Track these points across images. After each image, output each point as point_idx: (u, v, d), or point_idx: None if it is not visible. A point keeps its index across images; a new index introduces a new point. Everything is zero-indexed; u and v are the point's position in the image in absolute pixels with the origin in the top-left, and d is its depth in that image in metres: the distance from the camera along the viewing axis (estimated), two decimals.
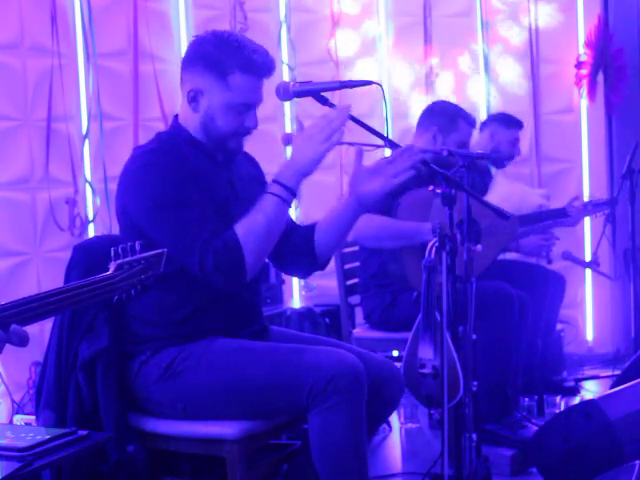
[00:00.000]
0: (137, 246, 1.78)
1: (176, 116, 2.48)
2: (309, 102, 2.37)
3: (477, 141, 4.21)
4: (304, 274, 2.67)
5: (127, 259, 1.75)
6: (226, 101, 2.34)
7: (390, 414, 2.58)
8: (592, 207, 4.07)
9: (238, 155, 2.48)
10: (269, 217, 2.27)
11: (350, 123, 2.40)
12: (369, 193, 2.39)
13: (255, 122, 2.39)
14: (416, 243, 3.31)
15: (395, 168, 2.36)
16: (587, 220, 4.91)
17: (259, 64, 2.34)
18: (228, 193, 2.42)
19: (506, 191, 3.92)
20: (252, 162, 2.64)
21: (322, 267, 2.56)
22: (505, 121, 4.30)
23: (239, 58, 2.32)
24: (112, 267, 1.73)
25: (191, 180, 2.32)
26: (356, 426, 2.21)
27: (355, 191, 2.41)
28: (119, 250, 1.75)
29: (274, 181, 2.30)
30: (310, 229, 2.52)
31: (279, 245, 2.39)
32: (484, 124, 4.33)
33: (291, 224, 2.57)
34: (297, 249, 2.51)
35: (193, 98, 2.37)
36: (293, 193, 2.29)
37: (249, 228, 2.26)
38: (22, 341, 1.59)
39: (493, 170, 4.28)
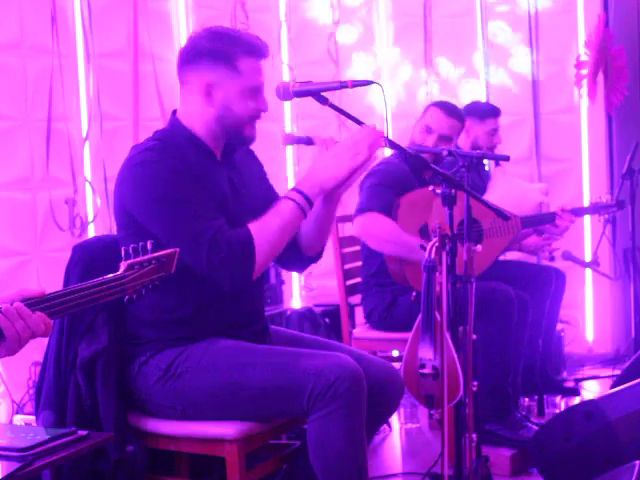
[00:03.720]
0: (149, 245, 1.76)
1: (174, 112, 2.48)
2: (309, 102, 2.37)
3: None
4: (298, 268, 2.68)
5: (138, 259, 1.73)
6: (240, 86, 2.37)
7: (390, 416, 2.58)
8: (597, 209, 4.03)
9: (252, 142, 2.47)
10: (284, 221, 2.29)
11: (350, 122, 2.40)
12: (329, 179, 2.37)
13: (266, 104, 2.42)
14: (413, 259, 3.27)
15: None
16: (587, 220, 4.91)
17: (259, 45, 2.39)
18: (226, 189, 2.42)
19: (505, 189, 3.92)
20: (253, 158, 2.64)
21: (314, 260, 2.57)
22: (478, 113, 4.15)
23: (241, 44, 2.37)
24: (122, 267, 1.71)
25: (189, 177, 2.32)
26: (355, 432, 2.21)
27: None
28: (130, 250, 1.73)
29: (295, 189, 2.32)
30: None
31: None
32: None
33: None
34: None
35: (207, 93, 2.38)
36: (310, 203, 2.32)
37: (264, 229, 2.28)
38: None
39: (490, 168, 4.28)
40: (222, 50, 2.36)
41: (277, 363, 2.28)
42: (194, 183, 2.31)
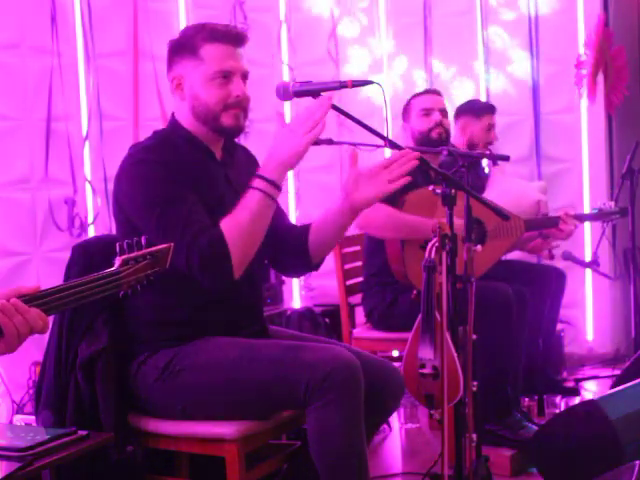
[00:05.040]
0: (143, 241, 1.77)
1: (173, 114, 2.49)
2: (309, 102, 2.37)
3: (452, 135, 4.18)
4: (298, 274, 2.68)
5: (132, 254, 1.74)
6: (203, 74, 2.36)
7: (390, 414, 2.58)
8: (600, 216, 4.02)
9: (239, 134, 2.46)
10: (254, 213, 2.25)
11: (350, 122, 2.40)
12: (363, 199, 2.39)
13: (241, 90, 2.37)
14: (419, 238, 3.30)
15: (390, 174, 2.35)
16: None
17: (223, 31, 2.38)
18: (224, 190, 2.42)
19: (503, 188, 3.92)
20: (252, 159, 2.64)
21: (316, 268, 2.56)
22: (474, 110, 4.18)
23: (203, 32, 2.38)
24: (117, 262, 1.72)
25: (184, 177, 2.32)
26: (354, 422, 2.20)
27: (349, 196, 2.40)
28: (124, 245, 1.74)
29: (257, 175, 2.28)
30: (305, 229, 2.52)
31: (274, 245, 2.39)
32: (455, 117, 4.22)
33: (287, 224, 2.58)
34: (292, 249, 2.51)
35: (177, 86, 2.41)
36: (277, 187, 2.27)
37: (234, 225, 2.25)
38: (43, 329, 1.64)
39: (489, 169, 4.27)
40: (186, 42, 2.39)
41: (273, 356, 2.28)
42: (187, 184, 2.31)
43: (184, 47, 2.39)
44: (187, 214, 2.26)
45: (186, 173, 2.33)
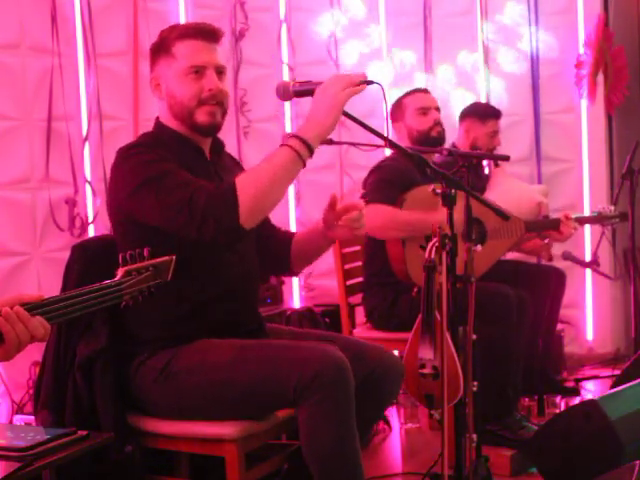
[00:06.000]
0: (145, 252, 1.77)
1: (158, 116, 2.51)
2: (309, 102, 2.37)
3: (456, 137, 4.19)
4: (276, 275, 2.73)
5: (135, 265, 1.74)
6: (176, 71, 2.39)
7: (390, 401, 2.58)
8: (600, 219, 4.02)
9: (216, 131, 2.46)
10: (275, 166, 2.20)
11: (350, 122, 2.40)
12: (338, 237, 2.52)
13: (214, 84, 2.38)
14: (421, 234, 3.31)
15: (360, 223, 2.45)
16: None
17: (194, 28, 2.41)
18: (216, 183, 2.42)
19: (504, 189, 3.92)
20: (236, 162, 2.68)
21: (296, 274, 2.67)
22: (479, 114, 4.15)
23: (175, 31, 2.42)
24: (120, 273, 1.72)
25: (177, 164, 2.32)
26: (344, 422, 2.20)
27: (325, 232, 2.50)
28: (127, 256, 1.74)
29: (290, 134, 2.25)
30: (289, 237, 2.59)
31: (258, 244, 2.41)
32: (460, 118, 4.22)
33: (270, 227, 2.63)
34: (274, 253, 2.56)
35: (156, 86, 2.44)
36: (309, 148, 2.21)
37: (250, 173, 2.24)
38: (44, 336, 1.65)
39: (489, 170, 4.27)
40: (161, 42, 2.43)
41: (265, 356, 2.29)
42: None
43: (160, 48, 2.43)
44: (185, 181, 2.24)
45: (177, 164, 2.33)
